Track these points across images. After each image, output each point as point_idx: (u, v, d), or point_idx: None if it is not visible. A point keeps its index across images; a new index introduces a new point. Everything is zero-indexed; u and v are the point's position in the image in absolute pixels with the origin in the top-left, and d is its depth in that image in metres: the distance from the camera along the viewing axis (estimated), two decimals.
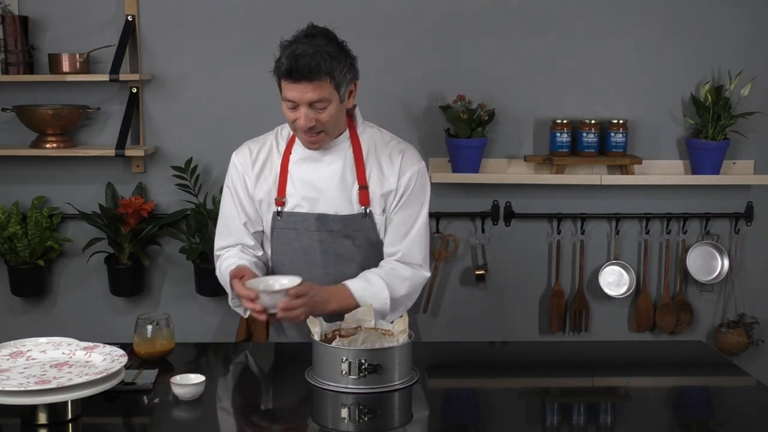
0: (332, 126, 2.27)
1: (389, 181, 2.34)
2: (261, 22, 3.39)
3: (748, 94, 3.38)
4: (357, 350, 1.96)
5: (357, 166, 2.34)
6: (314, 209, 2.33)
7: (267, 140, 2.43)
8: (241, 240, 2.40)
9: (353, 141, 2.36)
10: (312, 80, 2.17)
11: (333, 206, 2.33)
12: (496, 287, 3.58)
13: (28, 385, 1.75)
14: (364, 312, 2.15)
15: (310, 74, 2.16)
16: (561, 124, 3.39)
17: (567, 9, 3.41)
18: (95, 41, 3.34)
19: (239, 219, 2.40)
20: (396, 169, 2.35)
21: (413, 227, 2.36)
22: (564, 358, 2.36)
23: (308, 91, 2.18)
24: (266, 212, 2.38)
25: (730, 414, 2.00)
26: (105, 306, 3.52)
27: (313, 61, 2.16)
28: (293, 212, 2.34)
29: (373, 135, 2.40)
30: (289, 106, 2.23)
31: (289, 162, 2.36)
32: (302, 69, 2.16)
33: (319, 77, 2.17)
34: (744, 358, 3.55)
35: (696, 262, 3.55)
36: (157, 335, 2.15)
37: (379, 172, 2.35)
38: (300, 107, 2.21)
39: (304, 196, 2.33)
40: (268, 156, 2.40)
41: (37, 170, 3.45)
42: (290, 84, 2.20)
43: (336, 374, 1.96)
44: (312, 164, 2.34)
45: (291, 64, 2.17)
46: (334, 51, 2.21)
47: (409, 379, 2.02)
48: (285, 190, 2.35)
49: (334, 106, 2.23)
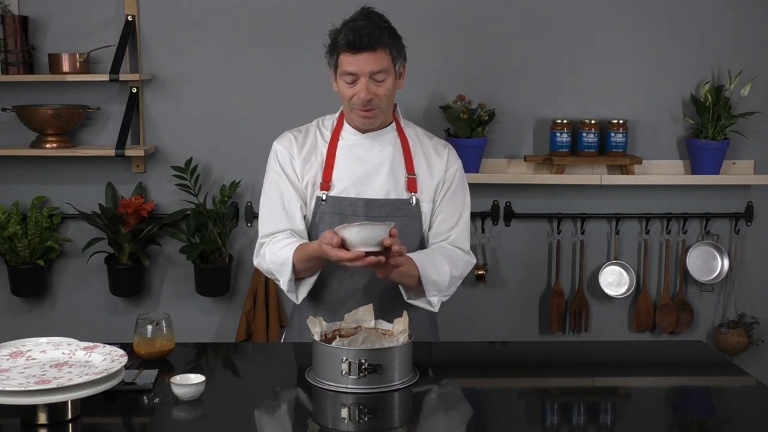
0: (387, 103, 2.33)
1: (437, 171, 2.42)
2: (261, 22, 3.39)
3: (748, 94, 3.38)
4: (357, 350, 1.96)
5: (405, 155, 2.40)
6: (362, 194, 2.35)
7: (309, 129, 2.46)
8: (293, 223, 2.35)
9: (399, 132, 2.43)
10: (374, 50, 2.24)
11: (382, 191, 2.36)
12: (496, 287, 3.58)
13: (28, 385, 1.75)
14: (364, 312, 2.15)
15: (371, 45, 2.23)
16: (561, 124, 3.39)
17: (567, 9, 3.41)
18: (95, 41, 3.34)
19: (295, 201, 2.36)
20: (444, 161, 2.44)
21: (462, 216, 2.44)
22: (564, 358, 2.36)
23: (370, 62, 2.24)
24: (310, 198, 2.38)
25: (730, 414, 2.00)
26: (105, 306, 3.52)
27: (374, 32, 2.24)
28: (340, 197, 2.36)
29: (416, 130, 2.49)
30: (348, 80, 2.28)
31: (336, 148, 2.39)
32: (365, 40, 2.23)
33: (381, 47, 2.25)
34: (744, 358, 3.55)
35: (696, 262, 3.55)
36: (157, 335, 2.15)
37: (427, 163, 2.42)
38: (359, 80, 2.26)
39: (353, 182, 2.36)
40: (314, 142, 2.42)
41: (37, 170, 3.45)
42: (351, 56, 2.25)
43: (336, 374, 1.96)
44: (362, 150, 2.38)
45: (354, 36, 2.23)
46: (390, 27, 2.31)
47: (409, 379, 2.02)
48: (331, 175, 2.37)
49: (391, 80, 2.30)
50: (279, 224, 2.36)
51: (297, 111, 3.39)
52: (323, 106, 3.37)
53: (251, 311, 3.43)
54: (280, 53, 3.40)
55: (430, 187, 2.41)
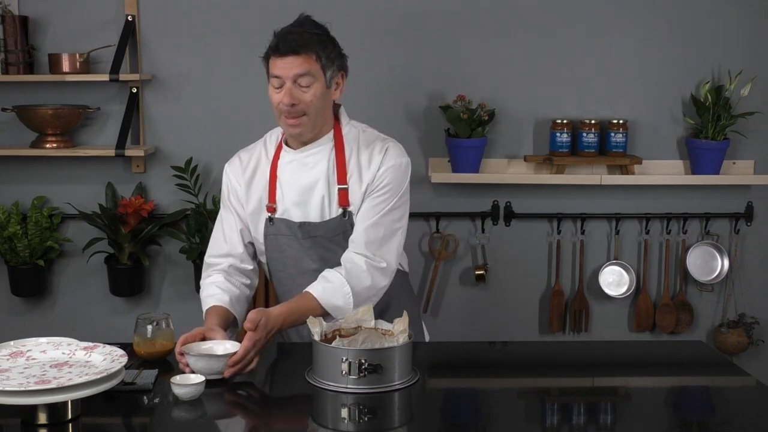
0: (315, 110, 2.26)
1: (368, 176, 2.31)
2: (261, 22, 3.38)
3: (748, 94, 3.38)
4: (357, 350, 1.96)
5: (338, 166, 2.32)
6: (301, 216, 2.33)
7: (257, 147, 2.45)
8: (233, 249, 2.41)
9: (337, 141, 2.34)
10: (298, 53, 2.21)
11: (315, 212, 2.33)
12: (496, 287, 3.58)
13: (28, 385, 1.74)
14: (364, 312, 2.15)
15: (296, 48, 2.20)
16: (561, 124, 3.39)
17: (567, 9, 3.41)
18: (95, 41, 3.34)
19: (234, 229, 2.41)
20: (376, 163, 2.31)
21: (378, 215, 2.29)
22: (564, 358, 2.36)
23: (294, 66, 2.21)
24: (259, 220, 2.38)
25: (730, 414, 2.00)
26: (105, 306, 3.52)
27: (300, 37, 2.22)
28: (283, 218, 2.35)
29: (357, 134, 2.37)
30: (275, 85, 2.25)
31: (277, 167, 2.37)
32: (290, 42, 2.20)
33: (306, 51, 2.21)
34: (744, 358, 3.55)
35: (696, 262, 3.55)
36: (157, 335, 2.15)
37: (359, 170, 2.32)
38: (285, 85, 2.23)
39: (292, 202, 2.34)
40: (258, 163, 2.41)
41: (37, 170, 3.45)
42: (277, 59, 2.23)
43: (336, 374, 1.96)
44: (297, 167, 2.34)
45: (279, 40, 2.22)
46: (322, 34, 2.27)
47: (409, 379, 2.02)
48: (275, 196, 2.36)
49: (318, 87, 2.24)
50: (220, 248, 2.43)
51: None
52: None
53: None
54: None
55: (359, 194, 2.31)
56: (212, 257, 2.44)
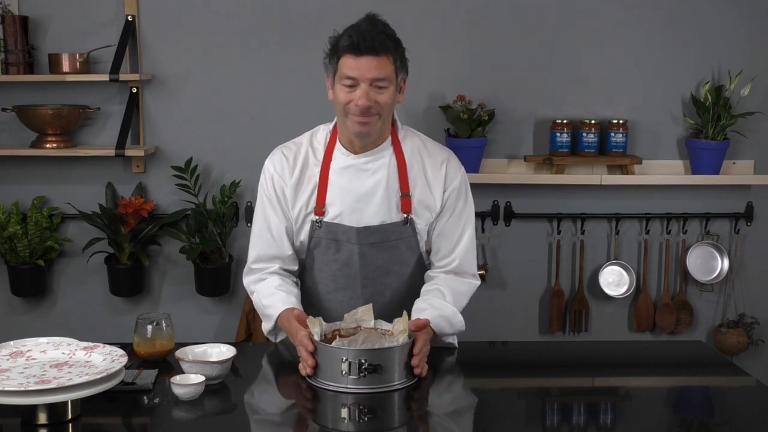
0: (387, 112, 2.21)
1: (434, 190, 2.31)
2: (261, 22, 3.39)
3: (748, 94, 3.38)
4: (357, 350, 1.96)
5: (400, 174, 2.29)
6: (356, 222, 2.27)
7: (301, 146, 2.34)
8: (281, 250, 2.32)
9: (396, 148, 2.31)
10: (378, 55, 2.13)
11: (375, 217, 2.27)
12: (496, 287, 3.58)
13: (28, 385, 1.75)
14: (363, 312, 2.15)
15: (377, 49, 2.13)
16: (561, 124, 3.39)
17: (567, 9, 3.41)
18: (95, 41, 3.34)
19: (282, 228, 2.32)
20: (441, 176, 2.31)
21: (463, 235, 2.34)
22: (564, 358, 2.36)
23: (372, 68, 2.13)
24: (304, 222, 2.31)
25: (730, 414, 2.00)
26: (105, 306, 3.52)
27: (378, 37, 2.14)
28: (334, 223, 2.28)
29: (415, 142, 2.35)
30: (346, 84, 2.16)
31: (329, 170, 2.29)
32: (368, 42, 2.12)
33: (385, 53, 2.15)
34: (744, 358, 3.55)
35: (696, 262, 3.55)
36: (157, 335, 2.15)
37: (424, 182, 2.31)
38: (359, 86, 2.15)
39: (347, 207, 2.27)
40: (305, 163, 2.31)
41: (37, 170, 3.45)
42: (353, 59, 2.13)
43: (336, 374, 1.96)
44: (355, 173, 2.27)
45: (358, 39, 2.12)
46: (395, 36, 2.21)
47: (409, 379, 2.02)
48: (325, 200, 2.28)
49: (392, 90, 2.19)
50: (267, 251, 2.33)
51: (297, 111, 3.39)
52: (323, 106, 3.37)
53: (251, 311, 3.42)
54: (280, 53, 3.40)
55: (425, 205, 2.30)
56: (260, 261, 2.34)
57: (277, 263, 2.33)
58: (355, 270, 2.31)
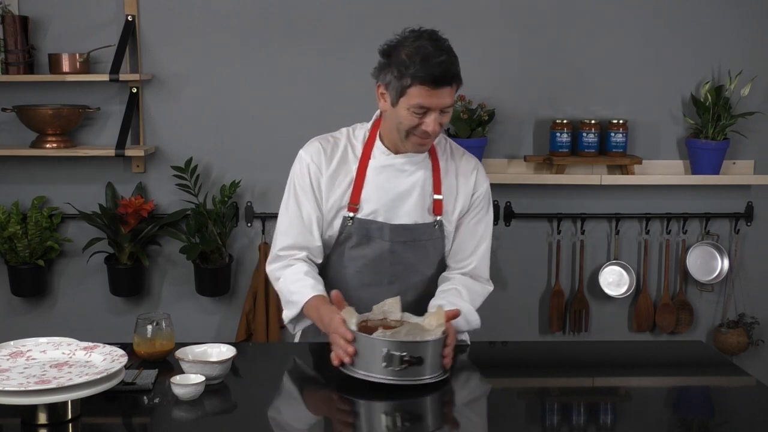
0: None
1: (464, 194, 2.36)
2: (261, 22, 3.39)
3: (748, 94, 3.38)
4: (400, 342, 1.92)
5: (434, 177, 2.32)
6: (391, 219, 2.28)
7: (339, 141, 2.34)
8: (310, 241, 2.30)
9: (431, 151, 2.34)
10: (451, 85, 2.16)
11: (409, 217, 2.29)
12: (496, 287, 3.55)
13: (28, 385, 1.74)
14: (391, 304, 2.12)
15: (452, 80, 2.15)
16: (561, 124, 3.39)
17: (567, 9, 3.41)
18: (95, 41, 3.34)
19: (314, 218, 2.30)
20: (471, 183, 2.37)
21: (482, 242, 2.41)
22: (564, 358, 2.36)
23: (446, 97, 2.15)
24: (336, 216, 2.31)
25: (730, 414, 2.00)
26: (105, 306, 3.52)
27: (452, 67, 2.16)
28: (367, 219, 2.29)
29: (446, 146, 2.39)
30: (417, 112, 2.15)
31: (367, 167, 2.29)
32: (448, 77, 2.13)
33: (456, 82, 2.18)
34: (744, 358, 3.55)
35: (696, 262, 3.55)
36: (157, 335, 2.15)
37: (454, 185, 2.35)
38: (430, 113, 2.16)
39: (382, 205, 2.28)
40: (344, 158, 2.31)
41: (37, 170, 3.45)
42: (428, 91, 2.13)
43: (374, 365, 1.93)
44: (394, 172, 2.28)
45: (440, 73, 2.12)
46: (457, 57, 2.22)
47: (442, 373, 2.01)
48: (360, 196, 2.28)
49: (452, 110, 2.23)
50: (297, 240, 2.30)
51: (297, 111, 3.39)
52: (323, 106, 3.38)
53: (251, 311, 3.43)
54: (280, 53, 3.40)
55: (454, 208, 2.35)
56: (288, 249, 2.31)
57: (304, 253, 2.31)
58: (385, 267, 2.31)
